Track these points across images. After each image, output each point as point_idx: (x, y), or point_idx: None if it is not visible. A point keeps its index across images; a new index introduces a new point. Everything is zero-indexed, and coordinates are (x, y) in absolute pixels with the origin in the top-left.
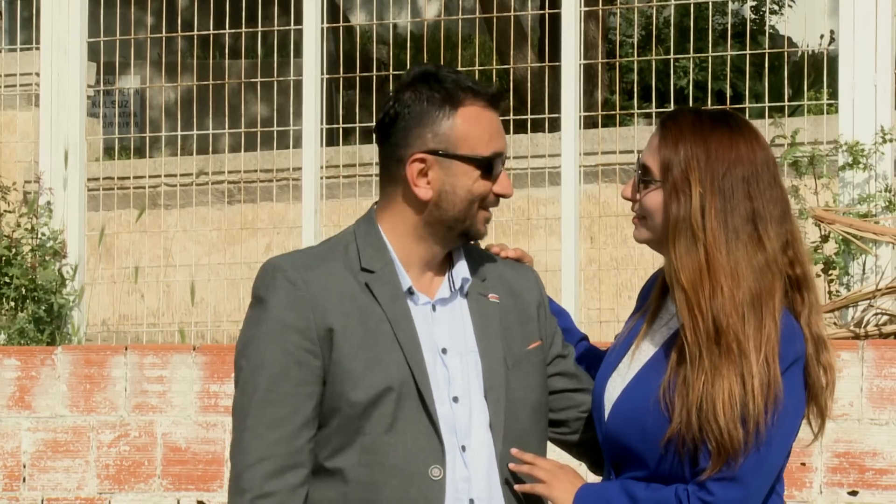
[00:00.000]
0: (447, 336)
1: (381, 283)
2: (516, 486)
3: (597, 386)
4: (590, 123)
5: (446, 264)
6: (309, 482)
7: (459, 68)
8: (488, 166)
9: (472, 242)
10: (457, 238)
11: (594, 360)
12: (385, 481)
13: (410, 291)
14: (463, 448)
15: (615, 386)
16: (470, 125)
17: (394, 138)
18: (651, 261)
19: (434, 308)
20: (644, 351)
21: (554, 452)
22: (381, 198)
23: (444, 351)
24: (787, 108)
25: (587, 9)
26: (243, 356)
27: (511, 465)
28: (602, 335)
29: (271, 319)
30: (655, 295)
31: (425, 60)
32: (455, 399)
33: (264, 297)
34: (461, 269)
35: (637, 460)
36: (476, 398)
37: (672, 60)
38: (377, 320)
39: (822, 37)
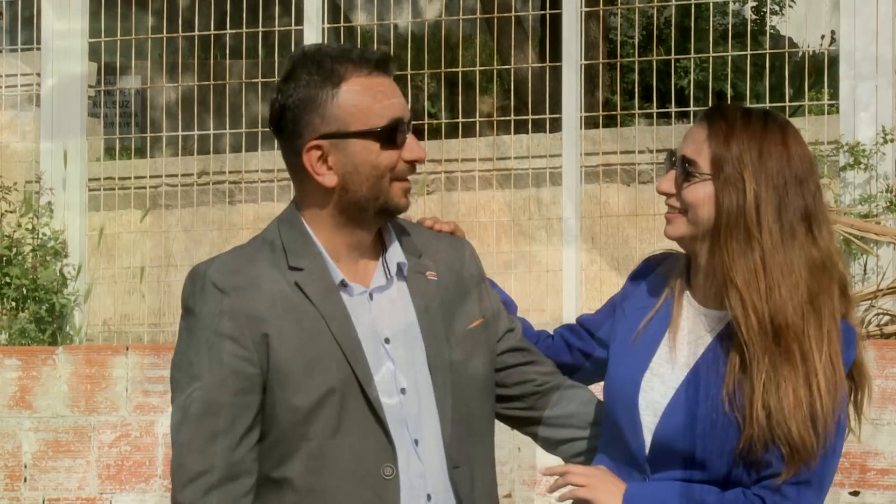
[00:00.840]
0: (388, 325)
1: (310, 279)
2: (558, 496)
3: (626, 384)
4: (591, 124)
5: (378, 247)
6: (253, 492)
7: (460, 69)
8: (388, 135)
9: (398, 217)
10: (376, 217)
11: (530, 336)
12: (337, 486)
13: (343, 284)
14: (416, 442)
15: (654, 386)
16: (357, 98)
17: (286, 131)
18: None
19: (371, 297)
20: (686, 350)
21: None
22: (296, 191)
23: (387, 341)
24: (787, 108)
25: (588, 9)
26: (177, 369)
27: (548, 488)
28: None
29: (202, 329)
30: (678, 289)
31: (426, 61)
32: (403, 391)
33: (193, 307)
34: (395, 252)
35: (692, 463)
36: (424, 387)
37: (673, 60)
38: (311, 319)
39: (822, 37)
